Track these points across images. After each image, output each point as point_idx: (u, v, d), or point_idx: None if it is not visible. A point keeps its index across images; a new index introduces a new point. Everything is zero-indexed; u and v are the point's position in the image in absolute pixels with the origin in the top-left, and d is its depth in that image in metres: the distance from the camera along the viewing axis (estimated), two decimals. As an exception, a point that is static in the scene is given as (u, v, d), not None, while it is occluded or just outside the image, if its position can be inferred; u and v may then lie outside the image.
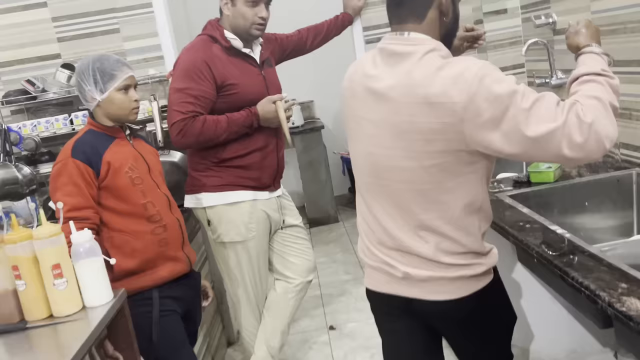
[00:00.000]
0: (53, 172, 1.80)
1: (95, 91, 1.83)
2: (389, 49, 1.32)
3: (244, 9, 2.20)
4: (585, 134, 1.18)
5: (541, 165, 2.09)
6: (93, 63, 1.84)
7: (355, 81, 1.39)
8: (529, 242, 1.55)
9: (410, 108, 1.25)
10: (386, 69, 1.31)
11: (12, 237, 1.43)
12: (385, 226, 1.38)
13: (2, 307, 1.47)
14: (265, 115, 2.24)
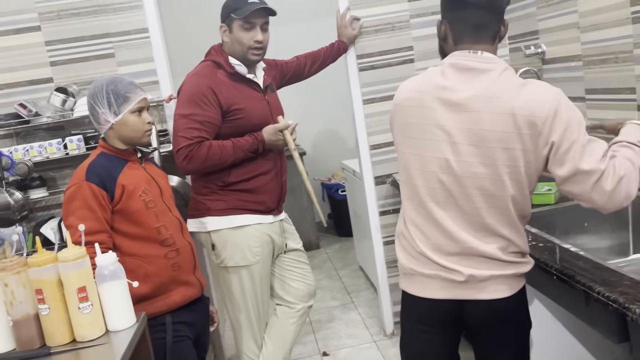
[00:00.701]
0: (67, 196, 1.77)
1: (109, 114, 1.82)
2: (462, 64, 1.44)
3: (240, 34, 2.24)
4: (615, 185, 1.33)
5: (541, 188, 2.17)
6: (107, 85, 1.83)
7: (424, 92, 1.47)
8: (547, 259, 1.60)
9: (492, 118, 1.37)
10: (462, 82, 1.42)
11: (36, 260, 1.40)
12: (449, 230, 1.46)
13: (23, 333, 1.42)
14: (271, 143, 2.28)
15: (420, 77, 1.54)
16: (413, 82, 1.54)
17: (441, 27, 1.54)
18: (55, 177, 2.89)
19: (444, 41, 1.53)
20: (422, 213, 1.51)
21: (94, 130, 2.80)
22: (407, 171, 1.53)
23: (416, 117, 1.48)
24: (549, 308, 2.15)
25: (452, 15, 1.50)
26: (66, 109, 2.70)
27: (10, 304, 1.41)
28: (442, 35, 1.53)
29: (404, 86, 1.56)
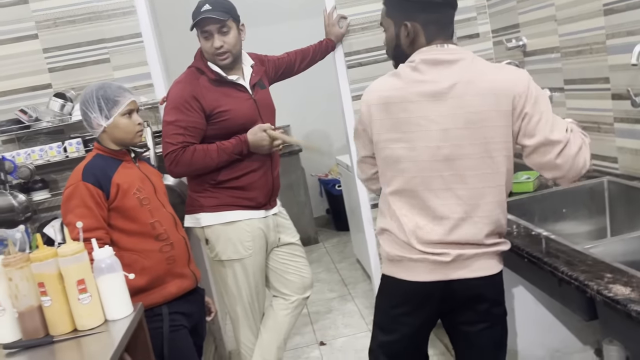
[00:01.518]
0: (65, 196, 1.87)
1: (100, 118, 1.92)
2: (435, 58, 1.53)
3: (202, 43, 2.34)
4: (576, 152, 1.48)
5: (520, 177, 2.25)
6: (97, 91, 1.93)
7: (403, 88, 1.54)
8: (518, 244, 1.69)
9: (475, 100, 1.49)
10: (439, 74, 1.52)
11: (38, 256, 1.50)
12: (441, 215, 1.54)
13: (28, 323, 1.52)
14: (256, 142, 2.34)
15: (392, 76, 1.59)
16: (387, 82, 1.59)
17: (407, 29, 1.56)
18: (56, 179, 2.99)
19: (412, 42, 1.57)
20: (413, 204, 1.57)
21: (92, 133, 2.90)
22: (398, 165, 1.58)
23: (403, 113, 1.54)
24: (530, 292, 2.24)
25: (427, 17, 1.55)
26: (65, 114, 2.80)
27: (15, 297, 1.51)
28: (411, 37, 1.56)
29: (378, 86, 1.60)
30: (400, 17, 1.57)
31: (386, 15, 1.63)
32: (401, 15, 1.57)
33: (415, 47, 1.57)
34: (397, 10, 1.58)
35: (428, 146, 1.53)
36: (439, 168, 1.53)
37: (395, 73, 1.59)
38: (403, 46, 1.59)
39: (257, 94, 2.48)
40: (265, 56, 2.68)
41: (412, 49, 1.58)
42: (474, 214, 1.54)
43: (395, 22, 1.59)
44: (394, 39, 1.60)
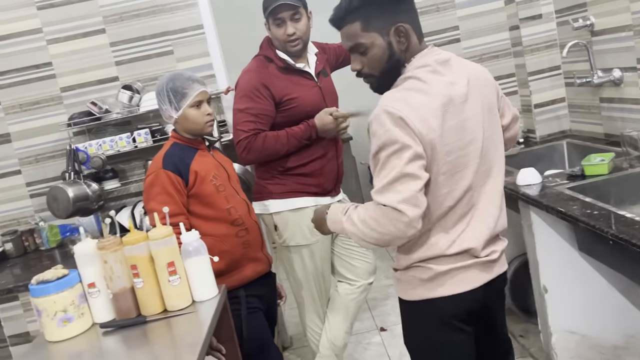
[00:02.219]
0: (146, 183, 1.93)
1: (171, 110, 1.97)
2: (443, 58, 1.49)
3: (274, 30, 2.36)
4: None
5: (594, 159, 2.21)
6: (167, 84, 1.98)
7: (441, 94, 1.42)
8: (601, 226, 1.66)
9: (484, 91, 1.53)
10: (452, 73, 1.48)
11: (130, 239, 1.56)
12: (492, 213, 1.52)
13: (121, 304, 1.59)
14: (323, 127, 2.37)
15: (420, 87, 1.42)
16: (417, 95, 1.41)
17: (401, 31, 1.43)
18: (125, 169, 3.10)
19: (409, 44, 1.45)
20: (468, 208, 1.49)
21: (158, 124, 2.99)
22: (457, 175, 1.45)
23: (452, 119, 1.42)
24: (605, 276, 2.21)
25: (409, 15, 1.46)
26: (133, 105, 2.89)
27: (109, 279, 1.58)
28: (405, 40, 1.44)
29: (414, 100, 1.40)
30: (386, 24, 1.43)
31: (364, 30, 1.43)
32: (387, 21, 1.43)
33: (409, 50, 1.46)
34: (381, 18, 1.43)
35: (477, 147, 1.47)
36: (484, 163, 1.49)
37: (416, 83, 1.43)
38: (397, 54, 1.45)
39: (321, 81, 2.50)
40: (326, 44, 2.70)
41: (407, 54, 1.46)
42: (503, 203, 1.57)
43: (382, 32, 1.43)
44: (386, 51, 1.44)
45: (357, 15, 1.43)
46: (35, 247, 3.02)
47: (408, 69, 1.46)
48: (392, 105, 1.38)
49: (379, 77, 1.49)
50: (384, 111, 1.38)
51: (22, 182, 3.06)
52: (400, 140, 1.35)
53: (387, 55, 1.44)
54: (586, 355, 2.26)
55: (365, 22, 1.43)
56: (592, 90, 2.70)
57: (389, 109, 1.38)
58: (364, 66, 1.49)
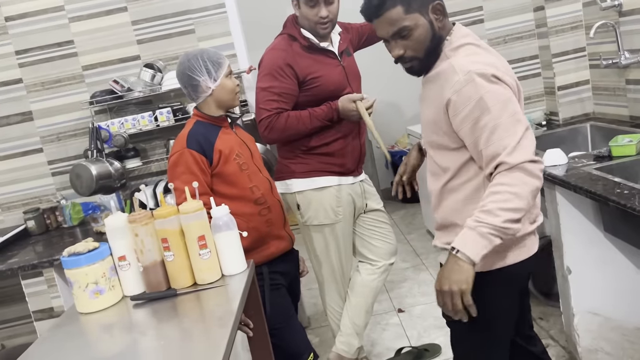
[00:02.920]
0: (170, 162, 1.94)
1: (209, 80, 1.95)
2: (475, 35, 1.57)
3: (305, 10, 2.33)
4: None
5: (622, 140, 2.18)
6: (201, 55, 1.97)
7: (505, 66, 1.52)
8: (634, 205, 1.65)
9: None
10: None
11: (161, 213, 1.57)
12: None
13: (152, 277, 1.60)
14: (345, 112, 2.36)
15: (481, 50, 1.50)
16: (491, 55, 1.51)
17: (437, 9, 1.48)
18: (146, 148, 3.11)
19: (445, 20, 1.51)
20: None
21: (180, 103, 2.99)
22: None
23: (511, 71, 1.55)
24: (630, 258, 2.19)
25: None
26: (155, 84, 2.89)
27: (140, 252, 1.59)
28: (442, 15, 1.49)
29: (491, 59, 1.48)
30: (425, 2, 1.46)
31: (407, 12, 1.45)
32: (427, 1, 1.47)
33: (446, 25, 1.51)
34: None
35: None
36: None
37: (474, 48, 1.49)
38: (438, 32, 1.49)
39: (344, 61, 2.49)
40: (349, 24, 2.68)
41: (444, 30, 1.51)
42: None
43: (422, 11, 1.46)
44: (429, 30, 1.46)
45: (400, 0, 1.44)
46: (57, 225, 3.05)
47: (453, 41, 1.48)
48: (477, 67, 1.40)
49: (423, 58, 1.49)
50: (475, 74, 1.39)
51: (44, 160, 3.08)
52: (503, 96, 1.39)
53: (430, 34, 1.46)
54: (609, 337, 2.25)
55: (406, 5, 1.43)
56: (619, 71, 2.66)
57: (478, 71, 1.39)
58: (406, 50, 1.48)
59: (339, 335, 2.59)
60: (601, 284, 2.23)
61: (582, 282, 2.22)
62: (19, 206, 3.10)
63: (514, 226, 1.35)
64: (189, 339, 1.40)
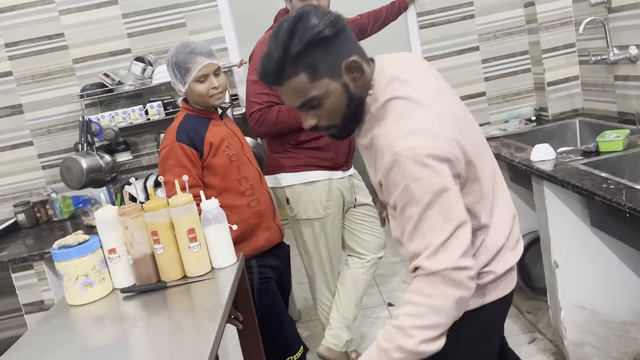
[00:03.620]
0: (161, 156, 1.94)
1: (178, 83, 1.96)
2: (398, 62, 1.35)
3: (296, 3, 2.34)
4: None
5: (609, 135, 2.21)
6: (171, 58, 1.95)
7: (435, 93, 1.30)
8: (618, 200, 1.67)
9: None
10: (416, 71, 1.34)
11: (151, 206, 1.58)
12: (506, 190, 1.44)
13: (142, 270, 1.61)
14: None
15: (411, 105, 1.21)
16: (423, 109, 1.21)
17: (353, 65, 1.21)
18: (136, 142, 3.10)
19: (363, 74, 1.24)
20: (493, 200, 1.35)
21: (170, 96, 2.99)
22: (484, 169, 1.31)
23: (455, 115, 1.27)
24: (616, 252, 2.22)
25: (352, 42, 1.25)
26: (145, 77, 2.89)
27: (130, 245, 1.60)
28: (359, 72, 1.22)
29: (425, 119, 1.20)
30: (335, 64, 1.19)
31: (314, 80, 1.18)
32: (335, 60, 1.19)
33: (365, 80, 1.24)
34: (328, 60, 1.18)
35: (476, 131, 1.35)
36: (483, 147, 1.40)
37: (402, 103, 1.21)
38: (356, 93, 1.22)
39: (335, 54, 2.49)
40: (340, 18, 2.69)
41: (365, 86, 1.24)
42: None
43: (333, 75, 1.19)
44: (343, 95, 1.21)
45: (299, 65, 1.16)
46: (47, 218, 3.05)
47: (378, 96, 1.23)
48: (407, 145, 1.14)
49: (342, 125, 1.25)
50: (403, 157, 1.14)
51: (34, 153, 3.07)
52: (435, 186, 1.12)
53: (346, 99, 1.21)
54: (595, 331, 2.28)
55: (311, 71, 1.17)
56: (607, 68, 2.69)
57: (406, 153, 1.13)
58: (320, 119, 1.23)
59: (329, 328, 2.61)
60: (588, 278, 2.25)
61: (569, 276, 2.25)
62: (9, 199, 3.08)
63: (432, 347, 1.12)
64: (178, 331, 1.42)
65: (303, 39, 1.15)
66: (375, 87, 1.24)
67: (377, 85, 1.24)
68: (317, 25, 1.16)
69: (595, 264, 2.24)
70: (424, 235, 1.13)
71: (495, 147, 2.66)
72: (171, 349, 1.32)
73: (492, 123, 3.15)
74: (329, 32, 1.17)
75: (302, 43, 1.15)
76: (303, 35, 1.15)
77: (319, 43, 1.16)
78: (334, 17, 1.20)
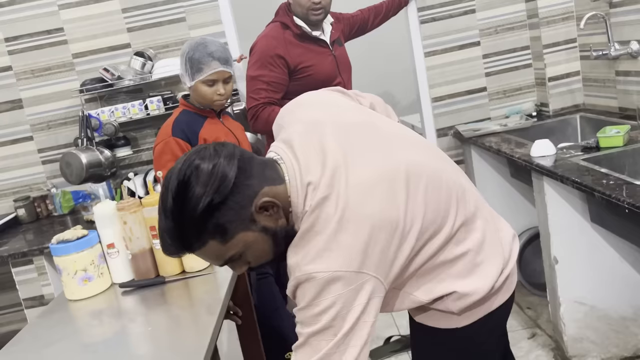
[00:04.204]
0: (156, 151, 1.94)
1: (186, 77, 1.96)
2: (309, 153, 1.14)
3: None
4: None
5: (609, 131, 2.20)
6: (188, 52, 1.95)
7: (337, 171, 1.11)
8: (617, 195, 1.67)
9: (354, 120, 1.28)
10: (316, 152, 1.14)
11: (149, 201, 1.58)
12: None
13: (140, 264, 1.61)
14: None
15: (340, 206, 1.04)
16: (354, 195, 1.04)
17: (266, 207, 1.04)
18: (136, 137, 3.10)
19: (279, 204, 1.06)
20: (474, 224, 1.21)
21: (170, 91, 2.98)
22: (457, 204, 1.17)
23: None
24: (615, 248, 2.22)
25: (257, 175, 1.05)
26: (145, 72, 2.88)
27: (129, 240, 1.60)
28: (275, 206, 1.05)
29: (374, 209, 1.05)
30: (244, 212, 1.03)
31: (227, 240, 1.03)
32: (243, 209, 1.03)
33: (285, 205, 1.07)
34: (234, 212, 1.02)
35: (426, 170, 1.18)
36: (439, 171, 1.25)
37: (321, 234, 1.03)
38: (279, 228, 1.07)
39: (336, 50, 2.49)
40: (340, 14, 2.68)
41: (286, 212, 1.08)
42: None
43: (245, 225, 1.04)
44: (265, 238, 1.06)
45: (204, 236, 1.02)
46: (47, 213, 3.05)
47: (298, 214, 1.07)
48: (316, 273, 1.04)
49: (278, 257, 1.13)
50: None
51: (34, 148, 3.07)
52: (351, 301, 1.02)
53: (270, 240, 1.07)
54: (594, 326, 2.28)
55: (219, 235, 1.03)
56: (608, 63, 2.68)
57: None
58: (251, 262, 1.12)
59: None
60: (588, 274, 2.25)
61: (569, 271, 2.25)
62: (9, 194, 3.08)
63: None
64: (176, 326, 1.42)
65: (195, 213, 1.00)
66: (293, 203, 1.07)
67: (294, 200, 1.07)
68: (204, 194, 0.99)
69: (594, 259, 2.23)
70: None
71: (495, 142, 2.66)
72: (169, 343, 1.32)
73: (493, 118, 3.14)
74: (220, 197, 1.00)
75: (196, 217, 1.00)
76: (194, 208, 0.99)
77: (215, 209, 1.00)
78: (219, 178, 1.01)
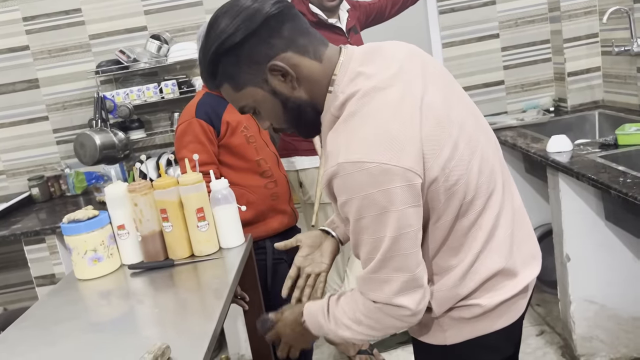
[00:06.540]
0: (178, 132, 1.94)
1: None
2: (369, 51, 1.13)
3: None
4: None
5: (628, 128, 2.16)
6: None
7: (409, 93, 1.05)
8: (635, 194, 1.64)
9: (430, 63, 1.18)
10: (391, 61, 1.11)
11: (161, 183, 1.57)
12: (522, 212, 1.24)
13: (150, 247, 1.61)
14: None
15: (396, 110, 0.99)
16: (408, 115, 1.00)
17: (275, 70, 1.02)
18: (150, 120, 3.10)
19: (300, 73, 1.04)
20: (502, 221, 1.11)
21: (185, 75, 2.98)
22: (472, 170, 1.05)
23: (433, 119, 1.03)
24: (629, 247, 2.19)
25: (282, 37, 1.02)
26: (161, 55, 2.88)
27: (139, 222, 1.60)
28: (292, 72, 1.02)
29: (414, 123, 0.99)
30: (256, 69, 1.02)
31: (237, 90, 1.05)
32: (254, 65, 1.01)
33: (307, 77, 1.04)
34: (243, 67, 1.02)
35: (469, 134, 1.11)
36: (483, 147, 1.16)
37: (369, 102, 1.00)
38: (291, 96, 1.05)
39: (352, 38, 2.47)
40: (357, 1, 2.65)
41: (307, 83, 1.05)
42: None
43: (256, 81, 1.03)
44: (274, 101, 1.05)
45: (219, 77, 1.04)
46: (60, 193, 3.07)
47: (337, 93, 1.04)
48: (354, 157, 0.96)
49: (295, 128, 1.12)
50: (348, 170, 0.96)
51: (49, 128, 3.09)
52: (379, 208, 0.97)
53: (279, 105, 1.06)
54: (604, 325, 2.26)
55: (232, 82, 1.04)
56: (630, 59, 2.62)
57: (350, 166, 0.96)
58: (271, 122, 1.11)
59: (336, 312, 2.61)
60: (600, 273, 2.22)
61: (581, 269, 2.22)
62: (23, 173, 3.11)
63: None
64: (183, 308, 1.42)
65: (211, 49, 1.01)
66: (336, 82, 1.04)
67: (339, 80, 1.04)
68: (225, 30, 0.99)
69: (607, 258, 2.20)
70: (361, 250, 1.10)
71: (511, 137, 2.62)
72: (176, 325, 1.32)
73: (510, 112, 3.10)
74: (240, 35, 0.99)
75: (211, 54, 1.01)
76: (212, 44, 1.01)
77: (228, 52, 1.00)
78: (250, 12, 0.99)
